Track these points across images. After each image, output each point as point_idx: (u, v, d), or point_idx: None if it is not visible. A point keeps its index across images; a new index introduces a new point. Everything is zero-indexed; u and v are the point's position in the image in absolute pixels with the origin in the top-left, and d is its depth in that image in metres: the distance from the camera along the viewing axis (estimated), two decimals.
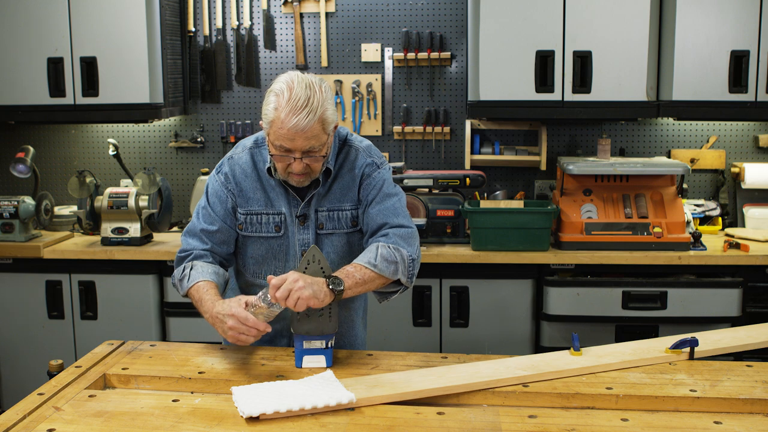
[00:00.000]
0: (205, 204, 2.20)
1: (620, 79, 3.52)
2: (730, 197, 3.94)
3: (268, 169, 2.13)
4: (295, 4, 4.00)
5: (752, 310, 3.37)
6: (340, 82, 4.03)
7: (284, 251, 2.20)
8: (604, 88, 3.54)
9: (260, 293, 1.93)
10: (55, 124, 4.13)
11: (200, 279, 2.07)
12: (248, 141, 2.22)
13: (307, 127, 1.93)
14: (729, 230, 3.72)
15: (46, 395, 1.80)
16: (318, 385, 1.82)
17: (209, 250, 2.17)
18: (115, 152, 3.66)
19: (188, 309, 3.57)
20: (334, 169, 2.16)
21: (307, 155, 2.00)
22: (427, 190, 3.62)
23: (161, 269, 3.56)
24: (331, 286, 1.92)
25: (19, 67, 3.71)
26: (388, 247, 2.07)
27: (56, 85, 3.70)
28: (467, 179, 3.58)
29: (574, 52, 3.52)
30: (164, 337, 3.61)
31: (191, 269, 2.11)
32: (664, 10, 3.55)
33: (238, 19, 4.04)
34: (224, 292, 2.15)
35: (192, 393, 1.89)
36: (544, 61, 3.54)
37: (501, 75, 3.57)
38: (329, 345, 2.01)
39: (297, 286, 1.85)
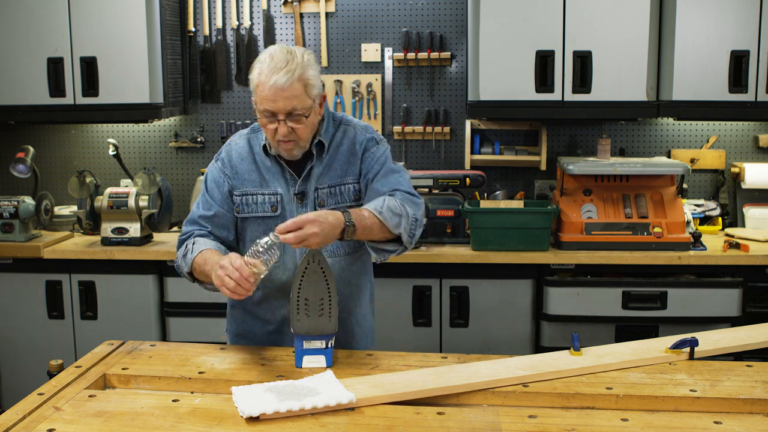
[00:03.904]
0: (203, 191, 2.26)
1: (620, 79, 3.52)
2: (730, 197, 3.94)
3: (264, 147, 2.19)
4: (295, 4, 3.99)
5: (752, 310, 3.37)
6: (340, 82, 4.03)
7: None
8: (604, 88, 3.53)
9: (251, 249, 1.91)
10: (55, 124, 4.12)
11: (204, 248, 2.10)
12: (245, 129, 2.31)
13: (286, 84, 1.99)
14: (729, 230, 3.72)
15: (46, 395, 1.80)
16: (318, 385, 1.82)
17: (210, 232, 2.22)
18: (115, 152, 3.65)
19: (188, 309, 3.58)
20: (331, 145, 2.19)
21: (291, 118, 2.04)
22: (427, 190, 3.62)
23: (161, 269, 3.56)
24: (345, 235, 1.95)
25: (19, 67, 3.71)
26: (396, 200, 2.08)
27: (56, 85, 3.69)
28: (467, 179, 3.58)
29: (574, 52, 3.52)
30: (164, 337, 3.61)
31: (194, 244, 2.14)
32: (664, 10, 3.55)
33: (238, 19, 4.04)
34: None
35: (192, 393, 1.88)
36: (544, 61, 3.54)
37: (501, 75, 3.56)
38: (329, 345, 2.01)
39: (311, 231, 1.87)
